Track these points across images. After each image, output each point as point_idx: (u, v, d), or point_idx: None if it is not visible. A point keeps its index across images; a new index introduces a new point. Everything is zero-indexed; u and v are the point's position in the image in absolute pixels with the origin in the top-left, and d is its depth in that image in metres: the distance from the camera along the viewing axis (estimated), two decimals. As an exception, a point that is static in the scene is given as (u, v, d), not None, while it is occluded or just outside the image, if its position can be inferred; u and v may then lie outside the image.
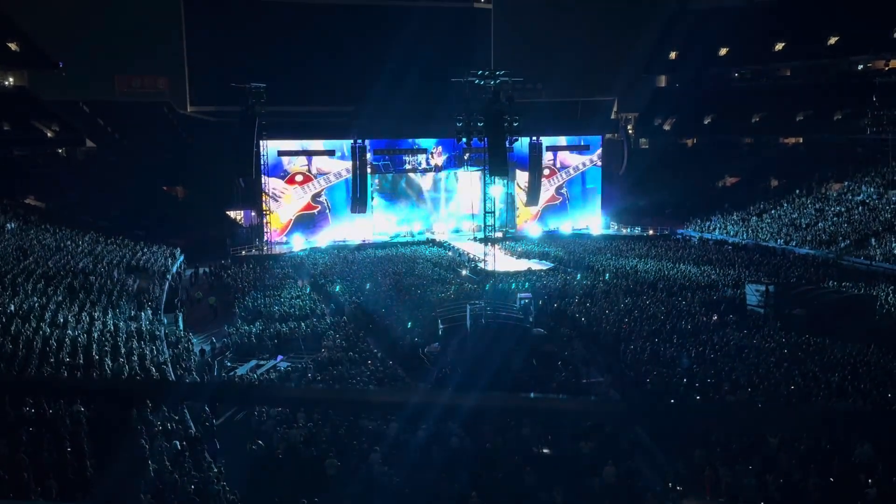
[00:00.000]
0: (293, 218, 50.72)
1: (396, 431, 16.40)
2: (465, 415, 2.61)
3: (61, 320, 24.21)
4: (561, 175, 57.04)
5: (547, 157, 55.36)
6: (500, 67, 36.59)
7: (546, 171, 55.20)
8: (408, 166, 53.90)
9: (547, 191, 55.57)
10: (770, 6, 66.35)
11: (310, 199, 51.09)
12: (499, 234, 43.09)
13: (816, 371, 21.15)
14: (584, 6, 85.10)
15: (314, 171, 51.34)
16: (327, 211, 51.49)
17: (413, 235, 51.84)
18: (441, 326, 26.39)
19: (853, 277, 36.04)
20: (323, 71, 71.28)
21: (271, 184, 49.36)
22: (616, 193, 59.35)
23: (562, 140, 57.47)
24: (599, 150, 58.08)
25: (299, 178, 50.95)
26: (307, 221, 50.96)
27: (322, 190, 51.38)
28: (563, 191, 57.23)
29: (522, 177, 54.35)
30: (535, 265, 41.35)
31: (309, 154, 51.45)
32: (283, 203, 50.47)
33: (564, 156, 57.51)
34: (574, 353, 24.59)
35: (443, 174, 54.34)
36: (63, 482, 12.69)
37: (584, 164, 57.55)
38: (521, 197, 55.19)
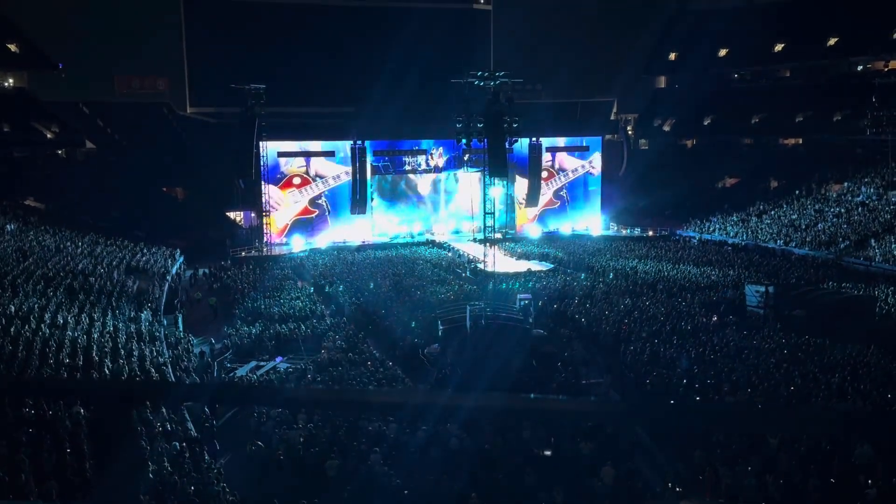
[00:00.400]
0: (289, 223, 50.62)
1: (396, 432, 16.39)
2: (465, 415, 2.61)
3: (61, 321, 24.19)
4: (559, 178, 57.03)
5: (545, 158, 55.35)
6: (500, 68, 36.48)
7: (544, 174, 55.18)
8: (408, 167, 53.86)
9: (545, 194, 55.54)
10: (770, 6, 66.32)
11: (307, 204, 50.97)
12: (498, 236, 43.07)
13: (816, 372, 21.13)
14: (584, 6, 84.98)
15: (312, 174, 51.24)
16: (326, 213, 51.41)
17: (413, 236, 51.82)
18: (441, 327, 26.40)
19: (853, 278, 36.07)
20: (323, 71, 71.25)
21: (269, 192, 49.07)
22: (616, 194, 59.38)
23: (561, 141, 57.49)
24: (599, 156, 58.02)
25: (297, 180, 50.83)
26: (305, 226, 50.87)
27: (320, 193, 51.29)
28: (563, 193, 57.22)
29: (521, 181, 54.31)
30: (535, 266, 41.34)
31: (308, 155, 51.35)
32: (281, 208, 50.34)
33: (563, 158, 57.49)
34: (574, 354, 24.57)
35: (443, 175, 54.32)
36: (63, 483, 12.67)
37: (581, 167, 57.50)
38: (520, 199, 55.19)
